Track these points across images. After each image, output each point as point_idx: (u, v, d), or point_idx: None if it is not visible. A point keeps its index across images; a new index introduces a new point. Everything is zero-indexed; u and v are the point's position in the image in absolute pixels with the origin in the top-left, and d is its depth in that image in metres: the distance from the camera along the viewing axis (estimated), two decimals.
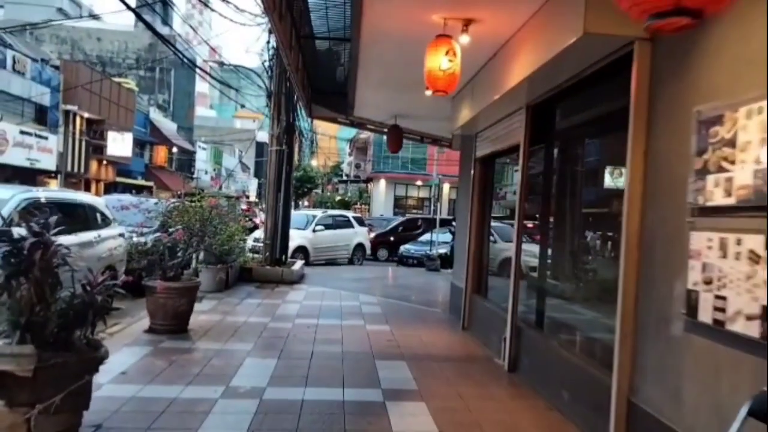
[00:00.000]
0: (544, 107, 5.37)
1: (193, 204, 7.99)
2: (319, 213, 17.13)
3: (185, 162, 54.28)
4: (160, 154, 48.39)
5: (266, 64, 12.95)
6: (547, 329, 5.28)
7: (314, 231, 15.79)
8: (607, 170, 4.52)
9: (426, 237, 18.12)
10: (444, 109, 8.24)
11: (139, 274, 6.23)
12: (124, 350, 5.57)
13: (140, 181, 40.83)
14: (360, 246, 17.50)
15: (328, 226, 16.30)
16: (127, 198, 10.24)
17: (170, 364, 5.19)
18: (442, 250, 16.77)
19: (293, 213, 20.45)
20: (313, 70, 9.09)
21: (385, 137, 11.14)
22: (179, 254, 6.32)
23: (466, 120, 6.88)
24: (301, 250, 15.29)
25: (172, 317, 6.33)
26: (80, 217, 7.22)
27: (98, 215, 7.76)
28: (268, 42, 12.49)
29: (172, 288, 6.26)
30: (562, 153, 5.43)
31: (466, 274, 7.62)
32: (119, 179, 38.27)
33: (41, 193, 6.70)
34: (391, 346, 6.37)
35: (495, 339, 6.25)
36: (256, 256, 12.54)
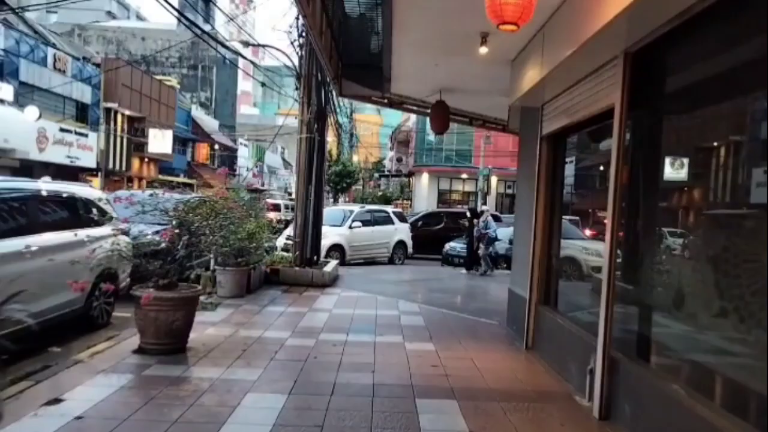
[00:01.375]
0: (652, 53, 3.84)
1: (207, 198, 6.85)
2: (356, 208, 15.81)
3: (227, 159, 54.36)
4: (202, 151, 48.54)
5: (296, 43, 11.78)
6: (657, 364, 3.76)
7: (351, 228, 14.50)
8: None
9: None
10: (499, 79, 6.75)
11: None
12: (97, 380, 4.39)
13: (182, 179, 40.83)
14: (401, 244, 16.10)
15: (365, 223, 14.96)
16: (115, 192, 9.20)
17: (147, 402, 3.95)
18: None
19: (329, 209, 19.28)
20: (343, 40, 7.74)
21: (428, 125, 9.74)
22: (169, 257, 5.09)
23: (533, 84, 5.38)
24: (337, 249, 14.04)
25: (166, 334, 5.13)
26: (68, 213, 6.13)
27: (94, 210, 6.67)
28: (297, 18, 11.27)
29: (164, 299, 5.05)
30: (682, 118, 3.86)
31: (530, 280, 6.11)
32: (161, 176, 38.27)
33: (16, 184, 5.62)
34: (436, 376, 4.95)
35: (574, 367, 4.76)
36: (286, 255, 11.37)
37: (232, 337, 5.97)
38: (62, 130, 26.29)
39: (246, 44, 13.60)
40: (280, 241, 13.54)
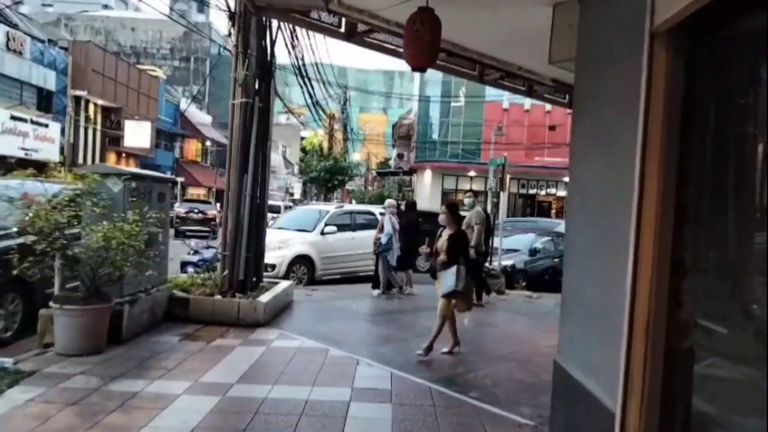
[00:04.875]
0: None
1: None
2: (331, 208, 12.27)
3: (223, 156, 51.22)
4: (192, 147, 45.29)
5: None
6: None
7: (323, 233, 11.01)
8: None
9: None
10: None
11: None
12: None
13: (168, 176, 37.50)
14: None
15: (342, 227, 11.42)
16: None
17: None
18: (508, 262, 11.65)
19: (298, 208, 15.82)
20: None
21: (430, 111, 6.09)
22: None
23: None
24: (304, 261, 10.58)
25: None
26: None
27: None
28: None
29: None
30: None
31: (623, 373, 2.59)
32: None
33: None
34: None
35: None
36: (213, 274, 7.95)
37: None
38: (14, 118, 23.02)
39: None
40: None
